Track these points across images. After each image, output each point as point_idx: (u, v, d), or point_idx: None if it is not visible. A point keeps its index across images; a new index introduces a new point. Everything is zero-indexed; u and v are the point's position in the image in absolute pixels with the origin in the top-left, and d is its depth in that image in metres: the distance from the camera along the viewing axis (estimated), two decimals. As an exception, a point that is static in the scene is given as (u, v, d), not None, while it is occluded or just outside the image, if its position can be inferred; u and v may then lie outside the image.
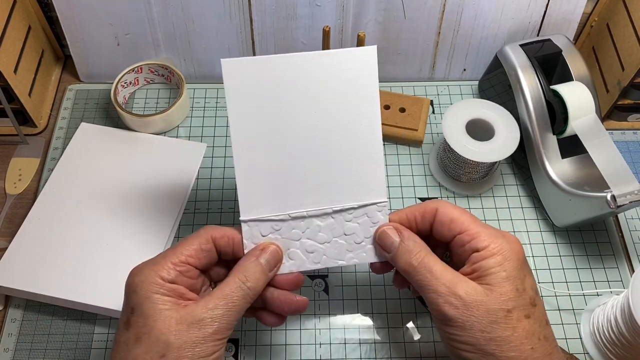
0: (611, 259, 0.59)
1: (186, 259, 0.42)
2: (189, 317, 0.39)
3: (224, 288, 0.41)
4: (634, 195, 0.51)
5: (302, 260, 0.46)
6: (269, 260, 0.44)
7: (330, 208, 0.46)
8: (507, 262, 0.40)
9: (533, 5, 0.66)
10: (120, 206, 0.59)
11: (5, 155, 0.66)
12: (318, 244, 0.46)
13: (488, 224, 0.43)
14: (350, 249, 0.46)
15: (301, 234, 0.46)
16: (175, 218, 0.60)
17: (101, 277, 0.55)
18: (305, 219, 0.46)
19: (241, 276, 0.42)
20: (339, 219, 0.46)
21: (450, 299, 0.40)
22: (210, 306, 0.40)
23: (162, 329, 0.38)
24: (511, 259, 0.41)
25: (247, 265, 0.43)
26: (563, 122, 0.58)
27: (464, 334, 0.40)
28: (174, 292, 0.40)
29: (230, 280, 0.41)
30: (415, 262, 0.42)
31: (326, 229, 0.46)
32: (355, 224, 0.46)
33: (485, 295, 0.40)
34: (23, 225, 0.58)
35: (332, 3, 0.64)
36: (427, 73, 0.72)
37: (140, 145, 0.65)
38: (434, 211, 0.44)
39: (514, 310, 0.39)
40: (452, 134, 0.59)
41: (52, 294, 0.53)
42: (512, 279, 0.40)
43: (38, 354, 0.53)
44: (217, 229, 0.44)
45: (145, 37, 0.68)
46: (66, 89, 0.71)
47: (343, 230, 0.46)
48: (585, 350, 0.54)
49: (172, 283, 0.40)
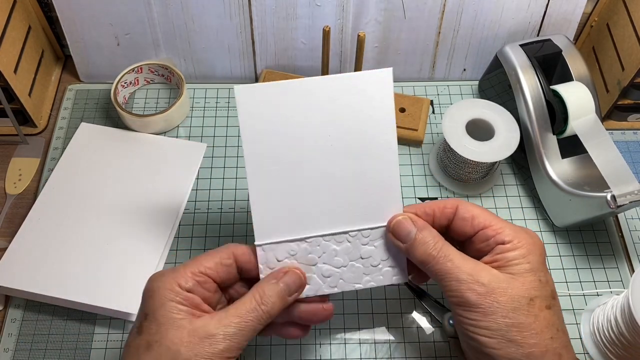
0: (611, 259, 0.59)
1: (205, 270, 0.42)
2: (201, 331, 0.39)
3: (239, 307, 0.41)
4: (634, 195, 0.51)
5: (319, 285, 0.45)
6: (288, 284, 0.43)
7: (346, 232, 0.45)
8: (530, 255, 0.41)
9: (533, 5, 0.66)
10: (120, 206, 0.59)
11: (5, 155, 0.66)
12: (334, 268, 0.45)
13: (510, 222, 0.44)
14: (367, 272, 0.46)
15: (317, 259, 0.45)
16: (175, 218, 0.60)
17: (101, 277, 0.55)
18: (322, 243, 0.45)
19: (257, 297, 0.41)
20: (355, 243, 0.45)
21: (473, 285, 0.40)
22: (224, 323, 0.39)
23: (173, 338, 0.38)
24: (535, 252, 0.42)
25: (265, 287, 0.42)
26: (563, 122, 0.58)
27: (486, 320, 0.40)
28: (190, 302, 0.40)
29: (247, 299, 0.41)
30: (435, 252, 0.42)
31: (342, 253, 0.45)
32: (372, 247, 0.46)
33: (508, 283, 0.40)
34: (23, 225, 0.58)
35: (332, 3, 0.64)
36: (427, 73, 0.72)
37: (140, 146, 0.65)
38: (454, 208, 0.45)
39: (536, 299, 0.40)
40: (452, 134, 0.59)
41: (52, 294, 0.53)
42: (536, 270, 0.41)
43: (38, 354, 0.53)
44: (240, 247, 0.44)
45: (145, 37, 0.68)
46: (66, 89, 0.71)
47: (360, 254, 0.46)
48: (585, 350, 0.54)
49: (189, 292, 0.40)
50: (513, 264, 0.41)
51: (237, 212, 0.61)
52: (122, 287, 0.54)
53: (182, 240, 0.59)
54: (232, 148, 0.66)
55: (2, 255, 0.56)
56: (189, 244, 0.59)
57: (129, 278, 0.55)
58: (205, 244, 0.59)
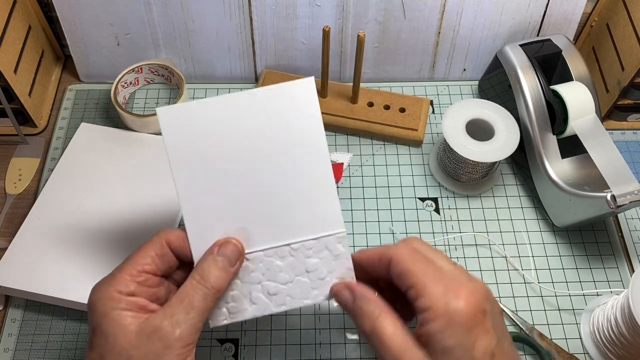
0: (611, 259, 0.59)
1: (143, 267, 0.39)
2: (147, 328, 0.37)
3: (181, 292, 0.39)
4: (633, 195, 0.51)
5: (266, 304, 0.44)
6: (226, 254, 0.41)
7: (287, 245, 0.44)
8: (449, 328, 0.35)
9: (533, 5, 0.66)
10: (120, 206, 0.59)
11: (5, 155, 0.66)
12: (280, 284, 0.44)
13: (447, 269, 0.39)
14: (315, 285, 0.44)
15: (261, 277, 0.44)
16: (176, 217, 0.60)
17: (100, 277, 0.55)
18: (264, 260, 0.44)
19: (197, 276, 0.40)
20: (298, 257, 0.44)
21: None
22: (168, 312, 0.38)
23: (123, 344, 0.37)
24: (455, 322, 0.36)
25: (204, 264, 0.40)
26: (563, 122, 0.58)
27: None
28: (135, 305, 0.38)
29: (187, 282, 0.39)
30: (368, 328, 0.39)
31: (287, 268, 0.44)
32: (317, 259, 0.44)
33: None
34: (23, 225, 0.58)
35: (332, 3, 0.64)
36: (427, 73, 0.72)
37: (140, 145, 0.65)
38: (388, 261, 0.40)
39: None
40: (452, 134, 0.59)
41: (52, 294, 0.53)
42: (455, 348, 0.35)
43: (38, 354, 0.53)
44: (171, 232, 0.42)
45: (145, 37, 0.68)
46: (66, 89, 0.71)
47: (305, 267, 0.44)
48: (585, 350, 0.54)
49: (132, 296, 0.38)
50: (432, 340, 0.36)
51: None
52: None
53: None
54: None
55: (2, 255, 0.56)
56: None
57: None
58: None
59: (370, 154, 0.66)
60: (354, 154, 0.66)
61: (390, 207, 0.62)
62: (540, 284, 0.57)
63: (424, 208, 0.62)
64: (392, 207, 0.62)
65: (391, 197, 0.62)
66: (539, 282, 0.57)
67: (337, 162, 0.64)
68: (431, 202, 0.62)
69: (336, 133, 0.67)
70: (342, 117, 0.66)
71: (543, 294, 0.56)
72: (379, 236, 0.59)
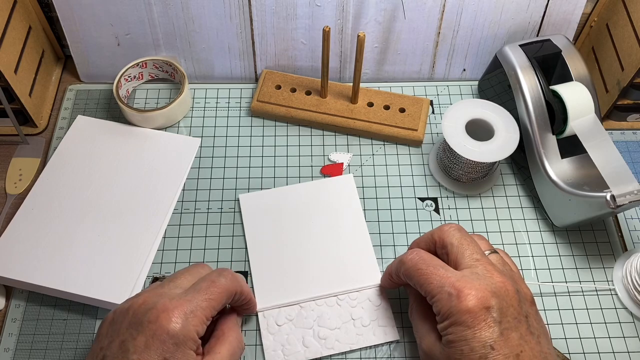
0: (610, 259, 0.59)
1: (214, 313, 0.44)
2: None
3: None
4: (633, 195, 0.51)
5: (317, 347, 0.51)
6: None
7: (335, 294, 0.54)
8: (451, 326, 0.42)
9: (533, 5, 0.66)
10: (114, 197, 0.60)
11: (6, 155, 0.66)
12: (329, 329, 0.52)
13: (453, 272, 0.45)
14: (360, 332, 0.52)
15: (312, 322, 0.53)
16: (168, 208, 0.60)
17: (91, 269, 0.55)
18: (315, 308, 0.53)
19: None
20: (344, 306, 0.53)
21: (420, 352, 0.47)
22: None
23: None
24: (457, 322, 0.42)
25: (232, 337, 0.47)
26: (562, 122, 0.58)
27: None
28: (197, 346, 0.43)
29: None
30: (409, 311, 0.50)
31: (335, 316, 0.53)
32: (360, 308, 0.53)
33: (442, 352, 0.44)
34: (15, 216, 0.58)
35: (332, 3, 0.64)
36: (426, 73, 0.72)
37: (138, 139, 0.65)
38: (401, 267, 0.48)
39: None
40: (451, 134, 0.59)
41: (38, 283, 0.54)
42: (456, 341, 0.42)
43: (38, 354, 0.53)
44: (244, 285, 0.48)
45: (145, 37, 0.68)
46: (66, 89, 0.71)
47: (350, 315, 0.53)
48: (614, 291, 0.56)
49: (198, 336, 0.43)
50: (443, 334, 0.44)
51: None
52: (109, 278, 0.55)
53: (177, 229, 0.59)
54: (232, 148, 0.66)
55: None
56: (183, 232, 0.59)
57: (119, 270, 0.55)
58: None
59: (370, 154, 0.66)
60: (353, 154, 0.66)
61: (390, 207, 0.62)
62: (540, 284, 0.57)
63: (423, 208, 0.62)
64: (392, 207, 0.62)
65: (391, 197, 0.62)
66: (538, 282, 0.57)
67: (337, 162, 0.64)
68: (431, 202, 0.62)
69: (336, 133, 0.67)
70: (342, 117, 0.66)
71: (543, 294, 0.56)
72: (379, 236, 0.60)
